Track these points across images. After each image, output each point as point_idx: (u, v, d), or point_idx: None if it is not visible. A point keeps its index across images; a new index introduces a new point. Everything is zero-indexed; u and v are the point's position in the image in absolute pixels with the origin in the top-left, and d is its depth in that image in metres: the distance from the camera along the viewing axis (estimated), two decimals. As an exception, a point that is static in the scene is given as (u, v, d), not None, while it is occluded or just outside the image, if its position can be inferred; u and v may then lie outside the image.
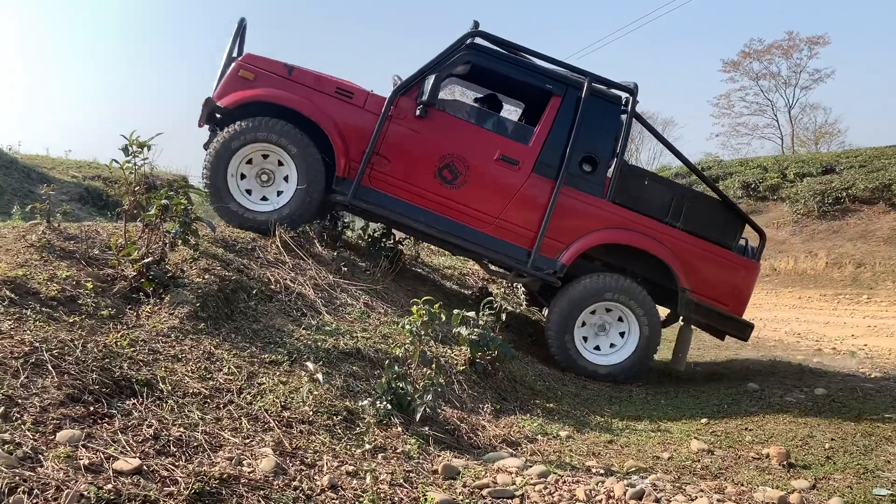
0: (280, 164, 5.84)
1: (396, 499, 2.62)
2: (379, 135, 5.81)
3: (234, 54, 6.06)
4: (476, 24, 6.13)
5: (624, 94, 6.27)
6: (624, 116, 6.26)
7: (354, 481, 2.67)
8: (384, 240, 6.94)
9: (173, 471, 2.35)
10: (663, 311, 6.70)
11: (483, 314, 4.87)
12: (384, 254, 6.72)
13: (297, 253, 5.49)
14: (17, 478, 2.01)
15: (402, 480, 2.78)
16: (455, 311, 4.84)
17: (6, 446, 2.17)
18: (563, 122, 5.99)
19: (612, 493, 2.93)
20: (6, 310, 3.19)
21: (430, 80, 5.74)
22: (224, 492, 2.31)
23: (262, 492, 2.39)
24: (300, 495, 2.45)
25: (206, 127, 6.14)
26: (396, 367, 3.68)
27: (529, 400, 4.86)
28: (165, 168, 17.39)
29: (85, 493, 2.05)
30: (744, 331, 6.37)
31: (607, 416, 4.92)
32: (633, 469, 3.62)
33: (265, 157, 5.81)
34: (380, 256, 6.60)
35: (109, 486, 2.12)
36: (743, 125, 39.58)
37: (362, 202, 5.87)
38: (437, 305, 3.97)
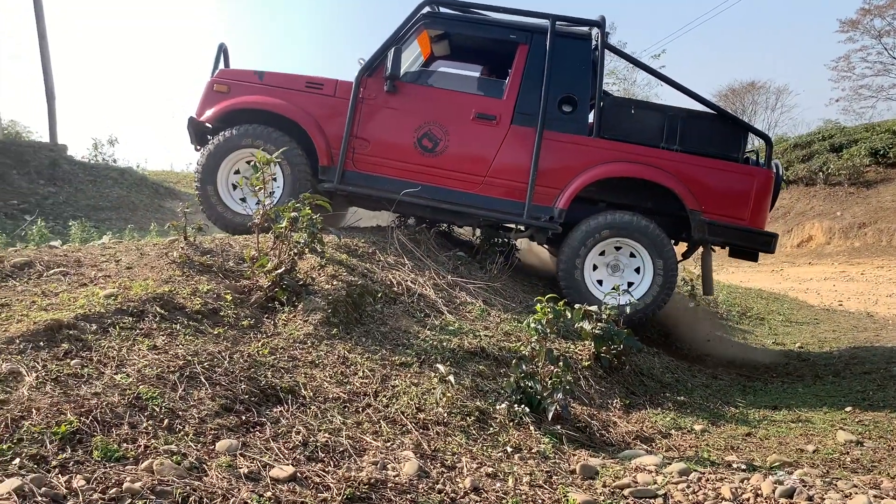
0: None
1: (538, 500, 2.63)
2: (353, 118, 5.95)
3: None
4: None
5: (593, 30, 6.12)
6: (597, 52, 6.09)
7: (496, 483, 2.70)
8: (496, 236, 6.96)
9: (325, 476, 2.45)
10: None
11: (605, 307, 4.80)
12: (498, 249, 6.74)
13: (415, 254, 5.59)
14: (188, 487, 2.15)
15: (541, 482, 2.79)
16: (577, 306, 4.79)
17: (174, 457, 2.33)
18: (533, 68, 5.97)
19: (759, 492, 2.82)
20: (158, 325, 3.42)
21: (389, 55, 5.80)
22: (374, 496, 2.40)
23: (408, 495, 2.46)
24: (445, 498, 2.51)
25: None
26: (524, 366, 3.69)
27: (659, 393, 4.77)
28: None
29: (248, 500, 2.18)
30: (768, 243, 5.99)
31: (742, 407, 4.75)
32: (778, 464, 3.48)
33: (249, 162, 5.95)
34: (494, 252, 6.62)
35: (269, 494, 2.24)
36: (866, 87, 36.87)
37: (348, 186, 5.97)
38: (561, 303, 3.95)
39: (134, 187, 12.47)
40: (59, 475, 2.08)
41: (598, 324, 4.68)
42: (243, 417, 2.81)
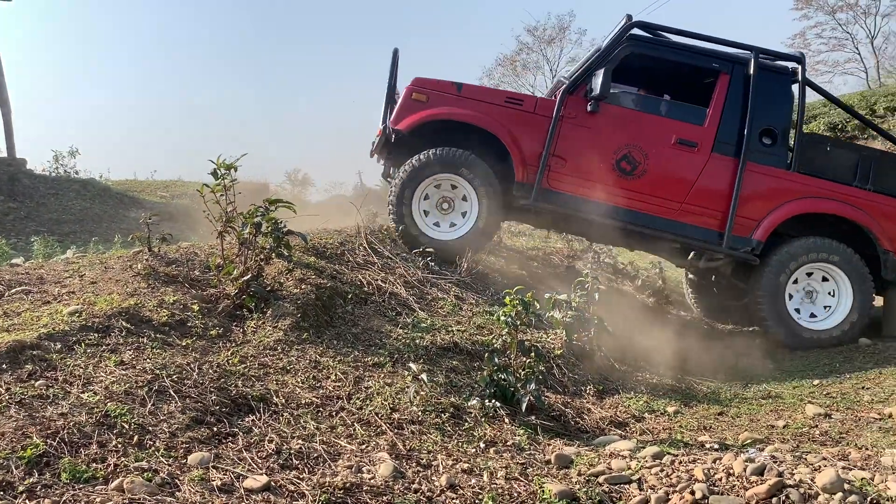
0: (464, 198, 6.04)
1: (514, 493, 2.64)
2: (553, 136, 5.91)
3: (394, 82, 6.36)
4: (629, 16, 6.15)
5: (791, 64, 6.20)
6: (795, 86, 6.19)
7: (472, 479, 2.71)
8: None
9: (299, 484, 2.44)
10: None
11: (575, 295, 4.84)
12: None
13: (384, 253, 5.58)
14: (160, 504, 2.13)
15: (517, 474, 2.81)
16: (547, 296, 4.82)
17: (145, 474, 2.31)
18: (734, 98, 5.99)
19: (731, 471, 2.87)
20: (125, 340, 3.38)
21: (600, 74, 5.77)
22: (349, 501, 2.39)
23: (384, 497, 2.46)
24: (422, 498, 2.51)
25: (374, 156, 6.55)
26: (496, 360, 3.70)
27: (631, 377, 4.81)
28: (246, 178, 17.89)
29: (222, 513, 2.16)
30: None
31: (714, 387, 4.82)
32: (749, 441, 3.54)
33: (451, 186, 6.04)
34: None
35: (243, 505, 2.22)
36: (822, 63, 37.46)
37: (544, 204, 6.00)
38: (529, 294, 3.96)
39: (97, 198, 12.28)
40: (27, 500, 2.05)
41: (569, 312, 4.71)
42: (215, 429, 2.79)
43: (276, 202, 4.23)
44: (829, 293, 6.06)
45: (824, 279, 6.06)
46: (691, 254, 6.42)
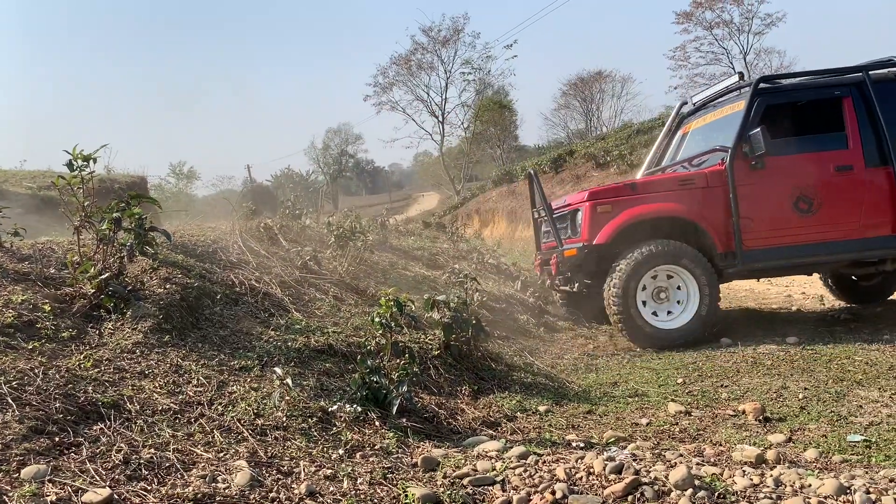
0: (679, 287, 6.31)
1: (377, 498, 2.59)
2: (736, 202, 6.35)
3: (544, 198, 7.16)
4: (741, 74, 6.97)
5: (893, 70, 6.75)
6: None
7: (332, 485, 2.64)
8: (350, 228, 6.88)
9: (145, 496, 2.30)
10: None
11: (454, 295, 4.85)
12: (351, 242, 6.66)
13: (260, 251, 5.41)
14: (-19, 524, 1.95)
15: (381, 478, 2.76)
16: (426, 296, 4.81)
17: (-32, 491, 2.11)
18: (863, 115, 6.53)
19: (592, 470, 2.93)
20: (-40, 344, 3.10)
21: (756, 135, 6.23)
22: (199, 513, 2.28)
23: (238, 508, 2.36)
24: (278, 507, 2.42)
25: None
26: (369, 362, 3.64)
27: (507, 377, 4.86)
28: (122, 170, 17.04)
29: (54, 531, 2.00)
30: None
31: (585, 386, 4.94)
32: (613, 439, 3.64)
33: (667, 276, 6.32)
34: (346, 245, 6.54)
35: (79, 522, 2.07)
36: (700, 75, 39.85)
37: (751, 265, 6.47)
38: (404, 295, 3.94)
39: (-48, 189, 11.33)
40: None
41: (447, 312, 4.72)
42: (56, 439, 2.60)
43: (137, 197, 4.00)
44: None
45: None
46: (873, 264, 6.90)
